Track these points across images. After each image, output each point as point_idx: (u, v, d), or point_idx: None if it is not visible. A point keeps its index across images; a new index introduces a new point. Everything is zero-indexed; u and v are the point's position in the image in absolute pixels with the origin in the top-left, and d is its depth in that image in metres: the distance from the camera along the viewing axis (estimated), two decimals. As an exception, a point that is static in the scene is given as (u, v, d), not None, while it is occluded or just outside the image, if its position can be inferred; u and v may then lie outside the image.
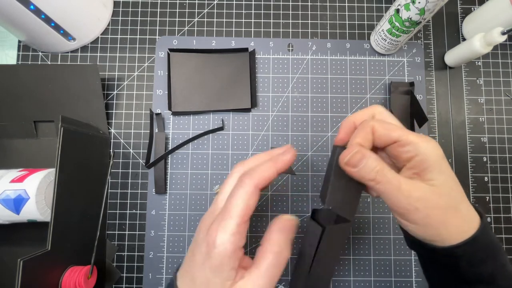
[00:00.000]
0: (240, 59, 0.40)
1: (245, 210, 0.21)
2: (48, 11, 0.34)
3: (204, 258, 0.20)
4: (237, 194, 0.21)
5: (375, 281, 0.37)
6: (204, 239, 0.21)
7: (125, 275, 0.37)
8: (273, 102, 0.40)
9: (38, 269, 0.27)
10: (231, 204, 0.21)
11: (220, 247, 0.20)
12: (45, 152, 0.38)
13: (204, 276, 0.20)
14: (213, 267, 0.20)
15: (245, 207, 0.21)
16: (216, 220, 0.21)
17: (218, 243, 0.20)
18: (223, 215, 0.21)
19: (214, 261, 0.20)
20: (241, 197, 0.21)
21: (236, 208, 0.21)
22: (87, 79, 0.37)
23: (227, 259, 0.20)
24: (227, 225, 0.20)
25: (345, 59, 0.41)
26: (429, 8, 0.31)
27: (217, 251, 0.20)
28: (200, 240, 0.22)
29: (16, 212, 0.31)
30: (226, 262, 0.20)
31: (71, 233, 0.31)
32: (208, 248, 0.20)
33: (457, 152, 0.39)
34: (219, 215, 0.21)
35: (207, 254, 0.20)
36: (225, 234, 0.20)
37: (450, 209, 0.21)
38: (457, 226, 0.21)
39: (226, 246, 0.20)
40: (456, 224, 0.21)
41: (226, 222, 0.20)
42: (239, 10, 0.42)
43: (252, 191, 0.21)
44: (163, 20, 0.41)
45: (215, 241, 0.20)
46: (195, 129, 0.39)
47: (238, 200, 0.21)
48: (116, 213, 0.38)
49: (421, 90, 0.40)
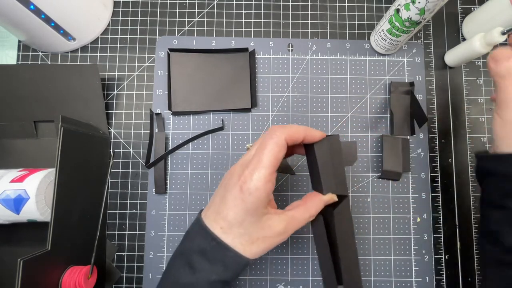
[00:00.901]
0: (240, 59, 0.40)
1: (276, 160, 0.23)
2: (48, 11, 0.34)
3: (238, 202, 0.23)
4: (268, 144, 0.24)
5: (375, 281, 0.37)
6: (236, 185, 0.23)
7: (125, 275, 0.37)
8: (273, 102, 0.40)
9: (38, 269, 0.27)
10: (263, 154, 0.23)
11: (255, 193, 0.23)
12: (45, 152, 0.38)
13: (238, 215, 0.23)
14: (249, 210, 0.23)
15: (275, 157, 0.23)
16: (249, 169, 0.23)
17: (253, 190, 0.23)
18: (256, 164, 0.23)
19: (250, 205, 0.23)
20: (272, 147, 0.23)
21: (268, 157, 0.23)
22: (87, 79, 0.37)
23: (261, 204, 0.23)
24: (260, 174, 0.23)
25: (345, 59, 0.41)
26: (429, 8, 0.31)
27: (252, 198, 0.23)
28: (231, 185, 0.24)
29: (16, 212, 0.31)
30: (260, 205, 0.23)
31: (71, 233, 0.31)
32: (242, 194, 0.23)
33: (457, 152, 0.39)
34: (252, 164, 0.23)
35: (241, 199, 0.23)
36: (259, 181, 0.23)
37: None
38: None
39: (261, 192, 0.23)
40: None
41: (259, 171, 0.23)
42: (239, 10, 0.42)
43: (282, 143, 0.24)
44: (163, 20, 0.41)
45: (249, 188, 0.23)
46: (195, 129, 0.39)
47: (268, 150, 0.23)
48: (116, 213, 0.38)
49: (421, 90, 0.40)
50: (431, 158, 0.39)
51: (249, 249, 0.24)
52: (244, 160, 0.25)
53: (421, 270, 0.37)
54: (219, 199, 0.25)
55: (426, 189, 0.39)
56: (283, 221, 0.24)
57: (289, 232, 0.25)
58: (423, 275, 0.37)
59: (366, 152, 0.39)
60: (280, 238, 0.25)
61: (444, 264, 0.37)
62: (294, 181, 0.39)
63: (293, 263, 0.37)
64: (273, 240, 0.24)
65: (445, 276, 0.37)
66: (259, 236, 0.24)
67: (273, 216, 0.24)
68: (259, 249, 0.24)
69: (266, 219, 0.24)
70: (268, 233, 0.24)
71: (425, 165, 0.39)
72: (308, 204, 0.26)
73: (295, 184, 0.39)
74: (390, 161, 0.38)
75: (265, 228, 0.24)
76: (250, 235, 0.24)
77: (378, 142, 0.39)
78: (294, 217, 0.25)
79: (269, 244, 0.24)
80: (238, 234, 0.24)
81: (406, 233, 0.38)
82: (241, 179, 0.23)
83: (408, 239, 0.38)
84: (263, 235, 0.24)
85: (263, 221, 0.24)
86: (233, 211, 0.23)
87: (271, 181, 0.23)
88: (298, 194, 0.38)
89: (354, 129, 0.40)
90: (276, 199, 0.38)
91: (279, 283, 0.37)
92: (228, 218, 0.24)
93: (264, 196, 0.23)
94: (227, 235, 0.24)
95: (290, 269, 0.37)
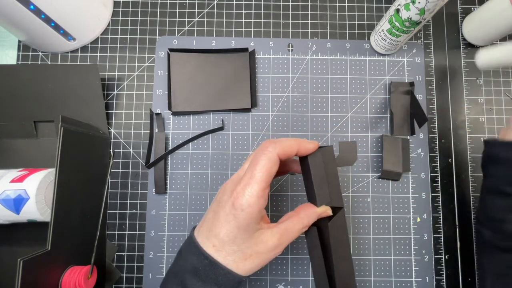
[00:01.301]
0: (240, 59, 0.40)
1: (268, 176, 0.23)
2: (48, 11, 0.34)
3: (230, 218, 0.23)
4: (260, 159, 0.23)
5: (375, 281, 0.37)
6: (229, 201, 0.23)
7: (125, 275, 0.37)
8: (273, 102, 0.40)
9: (38, 269, 0.27)
10: (255, 169, 0.23)
11: (247, 209, 0.22)
12: (45, 152, 0.38)
13: (230, 232, 0.23)
14: (241, 227, 0.23)
15: (267, 173, 0.23)
16: (241, 184, 0.23)
17: (245, 206, 0.22)
18: (249, 180, 0.23)
19: (243, 222, 0.23)
20: (264, 163, 0.23)
21: (260, 173, 0.23)
22: (87, 79, 0.37)
23: (253, 220, 0.23)
24: (253, 190, 0.23)
25: (345, 59, 0.41)
26: (429, 8, 0.31)
27: (244, 214, 0.22)
28: (224, 201, 0.24)
29: (16, 212, 0.31)
30: (252, 221, 0.23)
31: (71, 233, 0.31)
32: (234, 210, 0.23)
33: (457, 152, 0.39)
34: (244, 179, 0.23)
35: (234, 215, 0.23)
36: (252, 197, 0.22)
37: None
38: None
39: (253, 208, 0.22)
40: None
41: (251, 186, 0.23)
42: (239, 10, 0.42)
43: (274, 158, 0.23)
44: (163, 20, 0.41)
45: (242, 204, 0.22)
46: (195, 129, 0.39)
47: (261, 166, 0.23)
48: (116, 213, 0.38)
49: (421, 90, 0.40)
50: (431, 158, 0.39)
51: (242, 265, 0.23)
52: (237, 176, 0.25)
53: (421, 270, 0.37)
54: (212, 215, 0.25)
55: (426, 189, 0.39)
56: (276, 234, 0.24)
57: (283, 245, 0.24)
58: (423, 275, 0.37)
59: (366, 152, 0.39)
60: (274, 252, 0.24)
61: (444, 264, 0.37)
62: (294, 181, 0.39)
63: (293, 263, 0.37)
64: (267, 255, 0.24)
65: (445, 276, 0.37)
66: (252, 252, 0.24)
67: (266, 230, 0.24)
68: (253, 265, 0.24)
69: (258, 234, 0.24)
70: (261, 248, 0.24)
71: (425, 165, 0.39)
72: (301, 215, 0.25)
73: (295, 184, 0.39)
74: (390, 161, 0.38)
75: (258, 244, 0.24)
76: (243, 251, 0.23)
77: (378, 142, 0.39)
78: (287, 229, 0.25)
79: (263, 259, 0.24)
80: (231, 252, 0.23)
81: (406, 233, 0.38)
82: (233, 195, 0.23)
83: (408, 239, 0.38)
84: (257, 250, 0.24)
85: (255, 236, 0.24)
86: (225, 228, 0.23)
87: (264, 197, 0.23)
88: (298, 194, 0.38)
89: (354, 129, 0.40)
90: (276, 199, 0.38)
91: (279, 283, 0.37)
92: (221, 235, 0.23)
93: (256, 212, 0.23)
94: (220, 253, 0.23)
95: (290, 269, 0.37)
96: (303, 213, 0.25)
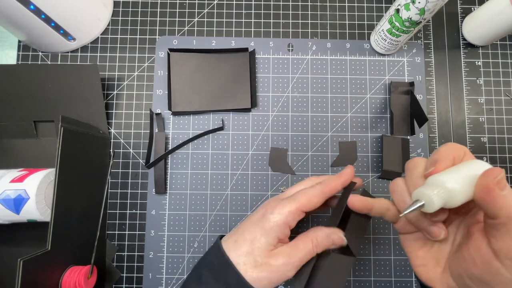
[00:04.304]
0: (240, 59, 0.40)
1: (307, 202, 0.26)
2: (48, 11, 0.34)
3: (259, 220, 0.26)
4: (305, 190, 0.27)
5: (375, 281, 0.37)
6: (264, 207, 0.27)
7: (125, 275, 0.37)
8: (273, 102, 0.40)
9: (38, 269, 0.27)
10: (297, 194, 0.27)
11: (276, 215, 0.25)
12: (45, 152, 0.38)
13: (253, 233, 0.26)
14: (264, 228, 0.25)
15: (307, 200, 0.26)
16: (281, 201, 0.27)
17: (276, 213, 0.26)
18: (288, 199, 0.26)
19: (267, 224, 0.25)
20: (308, 193, 0.26)
21: (300, 197, 0.26)
22: (87, 79, 0.37)
23: (276, 227, 0.25)
24: (287, 205, 0.26)
25: (345, 59, 0.41)
26: (429, 8, 0.31)
27: (272, 217, 0.25)
28: (259, 209, 0.28)
29: (16, 212, 0.31)
30: (275, 229, 0.25)
31: (71, 233, 0.31)
32: (265, 214, 0.26)
33: (457, 152, 0.39)
34: (285, 199, 0.26)
35: (263, 216, 0.26)
36: (284, 209, 0.26)
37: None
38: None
39: (281, 217, 0.25)
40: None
41: (288, 202, 0.26)
42: (239, 10, 0.42)
43: (318, 194, 0.26)
44: (163, 20, 0.41)
45: (273, 211, 0.26)
46: (195, 129, 0.39)
47: (304, 194, 0.26)
48: (116, 213, 0.38)
49: (421, 90, 0.40)
50: (431, 158, 0.39)
51: (251, 272, 0.24)
52: (280, 196, 0.28)
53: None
54: (244, 222, 0.28)
55: (426, 189, 0.39)
56: (286, 252, 0.25)
57: (293, 263, 0.25)
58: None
59: (366, 152, 0.39)
60: (284, 269, 0.25)
61: (444, 264, 0.37)
62: (294, 181, 0.39)
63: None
64: (276, 270, 0.25)
65: (445, 276, 0.37)
66: (263, 262, 0.25)
67: (280, 247, 0.26)
68: (261, 275, 0.24)
69: (273, 249, 0.25)
70: (272, 261, 0.25)
71: (425, 165, 0.39)
72: (309, 234, 0.26)
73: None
74: (390, 161, 0.38)
75: (270, 257, 0.25)
76: (255, 258, 0.25)
77: (378, 142, 0.39)
78: (296, 246, 0.25)
79: (271, 273, 0.25)
80: (245, 252, 0.25)
81: (406, 233, 0.38)
82: (270, 205, 0.27)
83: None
84: (267, 262, 0.25)
85: (270, 249, 0.25)
86: (250, 227, 0.26)
87: (294, 214, 0.26)
88: (298, 194, 0.38)
89: (354, 129, 0.40)
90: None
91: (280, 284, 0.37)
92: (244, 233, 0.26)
93: (282, 221, 0.25)
94: (236, 250, 0.26)
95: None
96: (311, 233, 0.26)
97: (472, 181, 0.18)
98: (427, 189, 0.19)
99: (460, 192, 0.18)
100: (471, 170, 0.19)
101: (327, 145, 0.39)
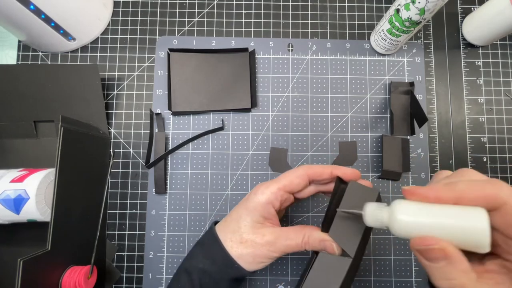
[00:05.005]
0: (240, 59, 0.40)
1: (288, 183, 0.27)
2: (48, 11, 0.34)
3: (245, 201, 0.28)
4: (289, 172, 0.28)
5: (375, 281, 0.37)
6: (250, 191, 0.29)
7: (125, 275, 0.37)
8: (273, 102, 0.40)
9: (38, 269, 0.27)
10: (280, 176, 0.28)
11: (259, 196, 0.27)
12: (45, 152, 0.38)
13: (239, 213, 0.28)
14: (248, 208, 0.27)
15: (289, 181, 0.27)
16: (265, 182, 0.28)
17: (259, 193, 0.27)
18: (271, 181, 0.28)
19: (250, 204, 0.27)
20: (290, 174, 0.28)
21: (282, 178, 0.28)
22: (87, 79, 0.37)
23: (260, 206, 0.27)
24: (270, 186, 0.27)
25: (345, 59, 0.41)
26: (429, 8, 0.31)
27: (255, 198, 0.27)
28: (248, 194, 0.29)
29: (16, 212, 0.31)
30: (258, 208, 0.27)
31: (71, 233, 0.31)
32: (249, 196, 0.28)
33: (457, 152, 0.39)
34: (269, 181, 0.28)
35: (247, 199, 0.28)
36: (267, 189, 0.27)
37: None
38: None
39: (264, 196, 0.27)
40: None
41: (270, 183, 0.28)
42: (239, 10, 0.42)
43: (301, 175, 0.27)
44: (163, 20, 0.41)
45: (257, 192, 0.28)
46: (195, 129, 0.39)
47: (286, 175, 0.28)
48: (116, 213, 0.38)
49: (421, 90, 0.40)
50: (431, 158, 0.39)
51: (236, 248, 0.27)
52: None
53: (421, 270, 0.37)
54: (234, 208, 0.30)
55: (426, 189, 0.39)
56: (274, 233, 0.26)
57: (277, 245, 0.26)
58: (423, 275, 0.37)
59: (366, 152, 0.39)
60: (268, 248, 0.26)
61: (444, 264, 0.37)
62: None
63: (293, 263, 0.37)
64: (261, 248, 0.26)
65: (445, 276, 0.37)
66: (248, 239, 0.26)
67: (268, 227, 0.27)
68: (245, 251, 0.26)
69: (260, 227, 0.27)
70: (257, 238, 0.26)
71: (425, 165, 0.39)
72: (305, 230, 0.26)
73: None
74: (390, 161, 0.38)
75: (256, 233, 0.27)
76: (241, 235, 0.27)
77: (378, 142, 0.39)
78: (286, 233, 0.26)
79: (255, 249, 0.26)
80: (231, 230, 0.27)
81: (406, 233, 0.38)
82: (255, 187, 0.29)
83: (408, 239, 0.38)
84: (252, 239, 0.26)
85: (257, 227, 0.27)
86: (237, 208, 0.29)
87: (276, 194, 0.27)
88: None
89: (354, 129, 0.40)
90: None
91: (279, 283, 0.37)
92: (232, 213, 0.29)
93: (264, 201, 0.27)
94: (223, 229, 0.28)
95: (290, 269, 0.37)
96: (308, 230, 0.26)
97: (443, 228, 0.17)
98: (378, 207, 0.21)
99: (413, 228, 0.19)
100: (456, 221, 0.17)
101: (327, 145, 0.39)
